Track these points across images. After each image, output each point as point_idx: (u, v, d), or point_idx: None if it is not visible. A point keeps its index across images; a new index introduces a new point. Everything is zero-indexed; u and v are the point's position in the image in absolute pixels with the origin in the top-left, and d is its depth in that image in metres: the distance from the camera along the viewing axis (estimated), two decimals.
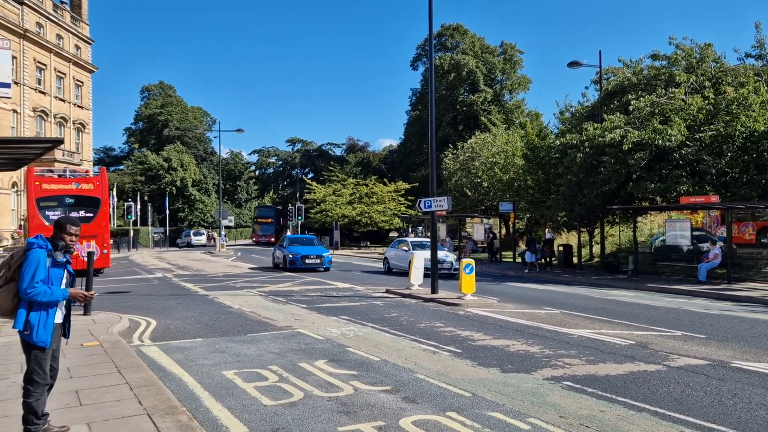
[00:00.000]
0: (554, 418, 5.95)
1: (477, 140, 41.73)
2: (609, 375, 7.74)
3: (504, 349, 9.44)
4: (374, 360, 8.55)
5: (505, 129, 47.28)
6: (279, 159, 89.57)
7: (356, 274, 24.88)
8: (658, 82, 23.51)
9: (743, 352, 9.29)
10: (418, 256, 18.38)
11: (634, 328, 11.55)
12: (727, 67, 23.24)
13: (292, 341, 9.96)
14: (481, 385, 7.17)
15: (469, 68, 58.09)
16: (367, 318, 12.63)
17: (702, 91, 22.20)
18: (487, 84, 59.52)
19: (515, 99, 61.41)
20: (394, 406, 6.32)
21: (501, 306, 14.77)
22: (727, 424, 5.82)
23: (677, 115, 21.13)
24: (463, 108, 58.83)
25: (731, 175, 20.90)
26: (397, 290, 17.57)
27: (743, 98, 20.18)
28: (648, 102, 21.85)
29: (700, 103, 21.23)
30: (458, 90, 59.94)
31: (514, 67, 61.56)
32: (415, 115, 64.88)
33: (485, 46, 61.83)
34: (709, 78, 23.00)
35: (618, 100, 24.58)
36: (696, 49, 23.82)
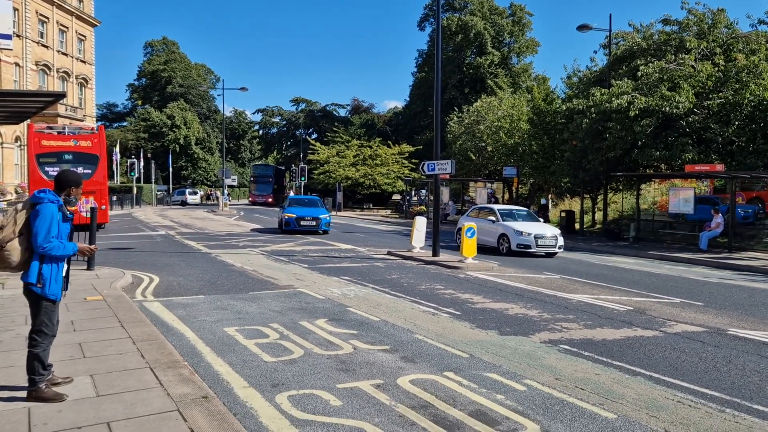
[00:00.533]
0: (550, 380, 6.04)
1: (483, 104, 41.32)
2: (606, 339, 7.83)
3: (503, 312, 9.53)
4: (374, 320, 8.65)
5: (512, 93, 46.74)
6: (283, 119, 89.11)
7: (358, 236, 24.98)
8: (668, 48, 23.14)
9: (740, 320, 9.37)
10: (420, 221, 18.36)
11: (633, 294, 11.63)
12: (739, 34, 22.84)
13: (293, 300, 10.06)
14: (479, 347, 7.26)
15: (476, 30, 57.14)
16: (368, 279, 12.72)
17: (712, 57, 21.87)
18: (495, 46, 58.64)
19: (523, 62, 60.55)
20: (393, 365, 6.42)
21: (501, 270, 14.85)
22: (720, 389, 5.91)
23: (686, 81, 20.87)
24: (470, 71, 58.08)
25: (738, 143, 20.74)
26: (398, 252, 17.65)
27: (754, 66, 19.89)
28: (657, 68, 21.55)
29: (709, 69, 20.93)
30: (465, 52, 59.09)
31: (523, 30, 60.53)
32: (420, 77, 64.14)
33: (494, 8, 60.68)
34: (720, 44, 22.63)
35: (626, 66, 24.25)
36: (708, 14, 23.38)
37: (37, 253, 4.81)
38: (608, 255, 19.48)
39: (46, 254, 4.81)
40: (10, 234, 4.79)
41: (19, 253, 4.78)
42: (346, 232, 27.38)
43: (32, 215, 4.82)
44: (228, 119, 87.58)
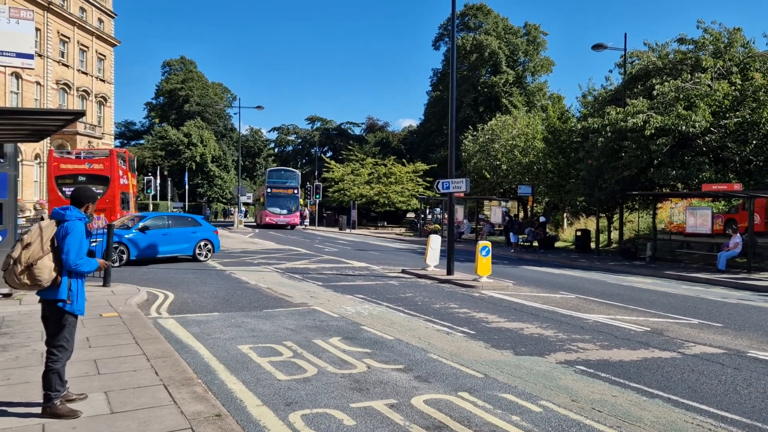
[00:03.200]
0: (566, 401, 5.96)
1: (497, 122, 41.33)
2: (623, 361, 7.72)
3: (518, 331, 9.45)
4: (388, 339, 8.60)
5: (526, 111, 46.77)
6: (298, 137, 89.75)
7: (373, 254, 24.96)
8: (684, 67, 23.06)
9: (760, 342, 9.20)
10: (435, 239, 18.33)
11: (650, 314, 11.47)
12: (755, 53, 22.71)
13: (307, 318, 10.05)
14: (494, 367, 7.19)
15: (491, 49, 57.39)
16: (382, 297, 12.69)
17: (729, 76, 21.75)
18: (510, 65, 58.81)
19: (537, 81, 60.62)
20: (407, 384, 6.37)
21: (516, 289, 14.74)
22: (741, 413, 5.79)
23: (702, 100, 20.74)
24: (485, 89, 58.24)
25: (755, 163, 20.53)
26: (412, 270, 17.60)
27: None
28: (673, 87, 21.46)
29: (726, 88, 20.80)
30: (480, 71, 59.31)
31: (537, 49, 60.69)
32: (435, 95, 64.41)
33: (508, 27, 60.97)
34: (737, 63, 22.51)
35: (642, 85, 24.18)
36: (724, 33, 23.30)
37: (68, 269, 4.86)
38: (624, 274, 19.27)
39: (77, 270, 4.87)
40: (39, 251, 4.81)
41: (50, 271, 4.81)
42: (360, 249, 27.37)
43: (60, 232, 4.87)
44: (244, 137, 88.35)
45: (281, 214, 46.17)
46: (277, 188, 47.01)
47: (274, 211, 46.11)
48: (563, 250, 29.11)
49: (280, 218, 45.83)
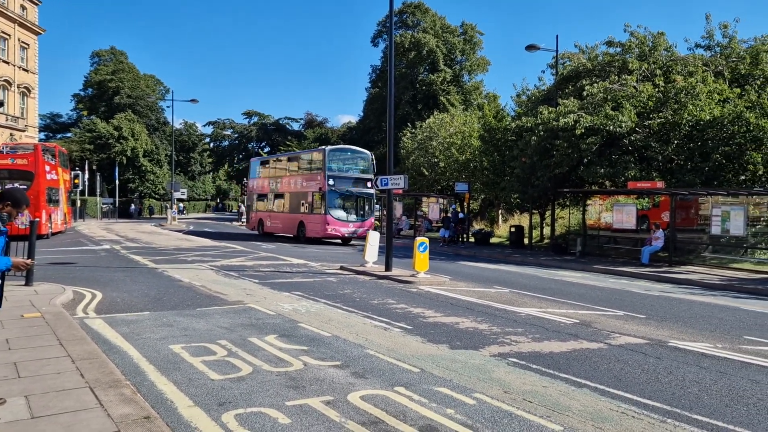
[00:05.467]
0: (499, 393, 6.09)
1: (435, 120, 41.84)
2: (553, 352, 7.97)
3: (454, 326, 9.60)
4: (325, 335, 8.57)
5: (464, 110, 47.54)
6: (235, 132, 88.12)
7: (311, 250, 24.80)
8: (612, 69, 24.01)
9: (680, 332, 9.68)
10: (373, 236, 18.39)
11: (579, 307, 11.89)
12: (677, 57, 23.89)
13: (242, 316, 9.89)
14: (430, 361, 7.28)
15: (429, 47, 57.97)
16: (320, 294, 12.63)
17: (653, 78, 22.77)
18: (447, 64, 59.56)
19: (474, 80, 61.67)
20: (344, 381, 6.37)
21: (453, 284, 14.97)
22: (662, 400, 6.08)
23: (628, 101, 21.65)
24: (423, 87, 58.78)
25: (677, 161, 21.59)
26: (351, 267, 17.59)
27: (691, 87, 20.80)
28: (601, 88, 22.31)
29: (650, 90, 21.78)
30: (418, 69, 59.80)
31: (474, 49, 61.71)
32: (374, 92, 64.52)
33: (446, 26, 61.72)
34: (661, 66, 23.60)
35: (573, 85, 25.02)
36: (649, 37, 24.38)
37: None
38: (556, 269, 19.89)
39: None
40: None
41: None
42: (299, 246, 27.14)
43: None
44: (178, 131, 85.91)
45: (350, 221, 28.50)
46: (342, 179, 28.56)
47: (339, 217, 28.11)
48: (498, 245, 29.80)
49: (348, 227, 28.39)
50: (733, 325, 10.61)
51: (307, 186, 29.41)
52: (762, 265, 19.39)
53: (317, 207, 28.63)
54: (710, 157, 20.31)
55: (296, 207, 30.43)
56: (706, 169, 20.53)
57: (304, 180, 30.15)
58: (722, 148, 20.20)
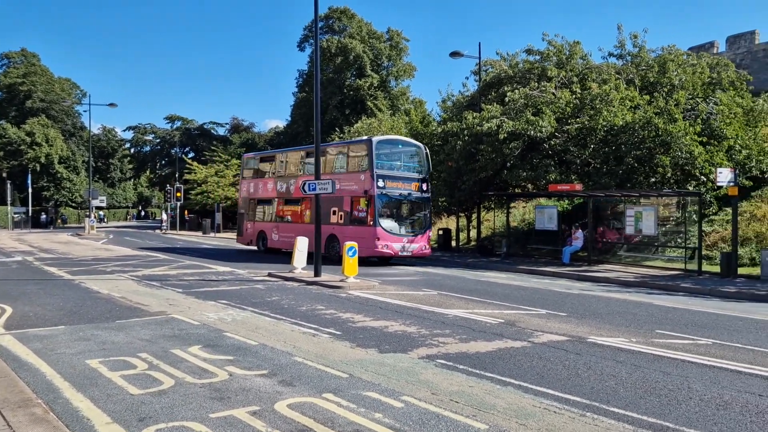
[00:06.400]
0: (427, 395, 6.16)
1: (363, 125, 41.98)
2: (479, 352, 8.14)
3: (383, 330, 9.64)
4: (252, 344, 8.41)
5: (391, 115, 47.95)
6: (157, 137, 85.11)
7: (239, 257, 24.31)
8: (532, 76, 24.85)
9: (598, 328, 10.11)
10: (302, 241, 18.22)
11: (504, 307, 12.21)
12: (592, 65, 25.01)
13: (165, 327, 9.56)
14: (359, 366, 7.27)
15: (356, 53, 58.14)
16: (247, 302, 12.39)
17: (570, 85, 23.72)
18: (374, 69, 59.90)
19: (401, 86, 62.28)
20: (270, 389, 6.26)
21: (382, 288, 15.04)
22: (581, 394, 6.31)
23: (548, 107, 22.45)
24: (350, 92, 58.85)
25: (593, 165, 22.56)
26: (279, 273, 17.37)
27: (605, 94, 21.80)
28: (522, 94, 23.06)
29: (568, 97, 22.68)
30: (345, 74, 59.84)
31: (400, 54, 62.34)
32: (302, 96, 64.05)
33: (372, 32, 62.07)
34: (577, 74, 24.62)
35: (495, 91, 25.71)
36: (566, 46, 25.40)
37: None
38: (482, 270, 20.36)
39: None
40: None
41: None
42: (225, 253, 26.55)
43: None
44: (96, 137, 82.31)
45: (403, 235, 21.87)
46: (394, 178, 22.12)
47: (390, 230, 21.52)
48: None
49: (402, 242, 21.61)
50: (646, 320, 11.18)
51: (344, 188, 21.86)
52: (672, 263, 20.53)
53: (359, 216, 21.71)
54: (624, 160, 21.33)
55: (325, 216, 21.38)
56: (620, 172, 21.54)
57: (338, 180, 21.07)
58: (634, 152, 21.26)
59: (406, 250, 21.60)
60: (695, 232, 20.01)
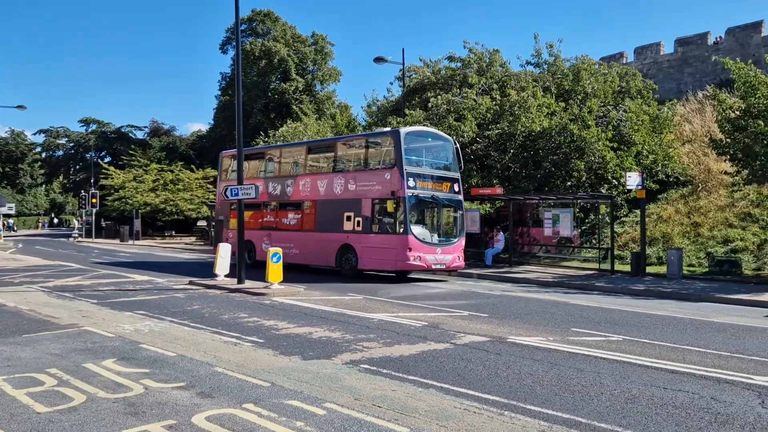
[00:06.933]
0: (349, 400, 6.15)
1: (288, 129, 41.56)
2: (403, 356, 8.21)
3: (307, 336, 9.56)
4: (170, 356, 8.14)
5: (317, 119, 47.72)
6: (70, 140, 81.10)
7: (158, 266, 23.49)
8: (454, 82, 25.45)
9: (518, 328, 10.42)
10: (224, 247, 17.82)
11: (429, 310, 12.39)
12: (511, 72, 25.88)
13: (77, 340, 9.10)
14: (281, 374, 7.18)
15: (280, 56, 57.57)
16: (166, 311, 11.98)
17: (490, 92, 24.45)
18: (299, 73, 59.51)
19: (326, 90, 62.16)
20: (188, 402, 6.08)
21: (308, 293, 14.93)
22: (500, 393, 6.48)
23: (469, 113, 23.03)
24: (275, 96, 58.22)
25: (513, 169, 23.33)
26: (201, 281, 16.91)
27: (523, 101, 22.61)
28: (445, 100, 23.56)
29: (488, 103, 23.36)
30: (270, 77, 59.14)
31: (325, 59, 62.23)
32: (225, 99, 62.75)
33: (297, 36, 61.67)
34: (497, 81, 25.40)
35: (419, 97, 26.16)
36: (486, 54, 26.16)
37: None
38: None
39: None
40: None
41: None
42: (144, 262, 25.60)
43: None
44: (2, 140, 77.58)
45: (436, 244, 18.69)
46: (425, 177, 19.08)
47: (423, 238, 18.31)
48: None
49: (436, 253, 18.44)
50: (563, 318, 11.63)
51: (363, 189, 18.97)
52: (587, 263, 21.47)
53: (383, 222, 18.56)
54: (542, 165, 22.18)
55: (334, 221, 19.63)
56: (539, 176, 22.39)
57: (354, 180, 19.42)
58: (551, 156, 22.15)
59: (440, 263, 18.39)
60: (609, 234, 21.01)
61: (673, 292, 15.73)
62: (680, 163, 25.61)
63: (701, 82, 32.77)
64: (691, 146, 27.38)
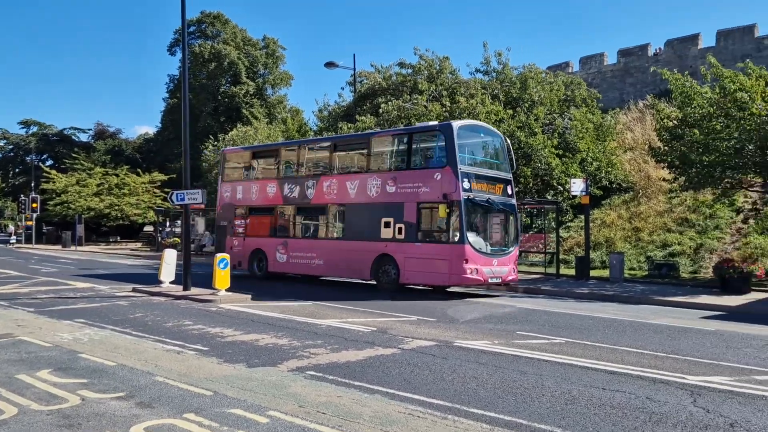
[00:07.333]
0: (294, 408, 6.10)
1: (238, 133, 41.03)
2: (349, 361, 8.20)
3: (253, 343, 9.44)
4: (109, 365, 7.90)
5: (268, 123, 47.27)
6: (9, 143, 77.98)
7: (101, 273, 22.78)
8: (405, 89, 25.65)
9: (465, 332, 10.55)
10: (170, 253, 17.43)
11: (378, 315, 12.41)
12: (461, 80, 26.25)
13: (10, 351, 8.73)
14: (225, 383, 7.06)
15: (230, 59, 56.84)
16: (108, 320, 11.63)
17: (440, 99, 24.72)
18: (250, 77, 58.87)
19: (278, 94, 61.69)
20: (127, 413, 5.91)
21: (256, 300, 14.75)
22: (445, 397, 6.54)
23: (420, 119, 23.22)
24: (225, 99, 57.45)
25: None
26: (145, 289, 16.48)
27: (472, 108, 22.93)
28: (395, 106, 23.72)
29: (438, 110, 23.61)
30: (219, 80, 58.34)
31: (277, 63, 61.78)
32: (173, 102, 61.48)
33: (247, 39, 61.02)
34: (447, 88, 25.72)
35: (370, 102, 26.28)
36: (436, 61, 26.47)
37: None
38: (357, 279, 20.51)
39: None
40: None
41: None
42: (86, 269, 24.78)
43: None
44: None
45: (492, 255, 16.68)
46: (480, 178, 16.93)
47: (479, 248, 16.25)
48: None
49: (492, 264, 16.37)
50: (508, 322, 11.84)
51: (405, 191, 16.83)
52: (534, 267, 21.93)
53: (433, 229, 16.56)
54: None
55: (369, 228, 17.42)
56: None
57: (393, 181, 17.08)
58: None
59: (496, 276, 16.30)
60: (555, 238, 21.51)
61: (614, 294, 16.23)
62: (622, 170, 26.50)
63: (642, 92, 34.00)
64: (632, 154, 28.39)
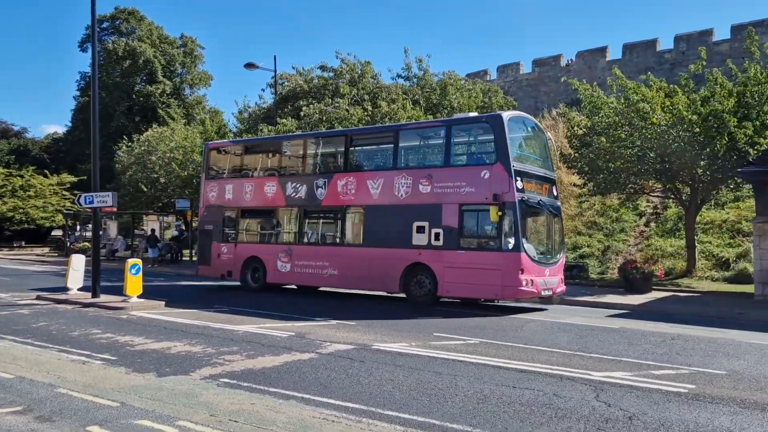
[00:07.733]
0: (204, 417, 5.95)
1: (154, 133, 39.59)
2: (265, 368, 8.08)
3: (164, 351, 9.13)
4: (7, 378, 7.44)
5: (185, 124, 45.89)
6: None
7: (3, 280, 21.38)
8: (327, 92, 25.64)
9: (383, 335, 10.62)
10: (78, 259, 16.60)
11: (296, 320, 12.30)
12: (382, 84, 26.52)
13: None
14: (133, 393, 6.79)
15: (146, 57, 54.85)
16: (7, 330, 10.94)
17: (362, 103, 24.87)
18: (167, 76, 57.01)
19: (196, 94, 60.04)
20: (24, 428, 5.58)
21: (170, 307, 14.27)
22: (360, 401, 6.56)
23: (341, 123, 23.27)
24: (140, 98, 55.35)
25: None
26: (50, 296, 15.62)
27: (394, 113, 23.23)
28: (317, 109, 23.66)
29: (360, 114, 23.76)
30: (134, 79, 56.15)
31: (195, 62, 60.13)
32: (84, 100, 58.62)
33: (164, 36, 59.07)
34: (368, 92, 25.92)
35: (291, 105, 26.07)
36: (358, 65, 26.62)
37: None
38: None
39: None
40: None
41: None
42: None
43: None
44: None
45: (544, 264, 14.79)
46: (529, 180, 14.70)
47: (533, 256, 14.26)
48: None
49: (545, 275, 14.56)
50: (426, 324, 12.01)
51: (443, 191, 14.77)
52: None
53: (479, 235, 14.54)
54: None
55: (398, 234, 15.24)
56: None
57: (428, 180, 14.98)
58: None
59: (548, 287, 14.47)
60: None
61: None
62: None
63: (555, 100, 35.49)
64: None
